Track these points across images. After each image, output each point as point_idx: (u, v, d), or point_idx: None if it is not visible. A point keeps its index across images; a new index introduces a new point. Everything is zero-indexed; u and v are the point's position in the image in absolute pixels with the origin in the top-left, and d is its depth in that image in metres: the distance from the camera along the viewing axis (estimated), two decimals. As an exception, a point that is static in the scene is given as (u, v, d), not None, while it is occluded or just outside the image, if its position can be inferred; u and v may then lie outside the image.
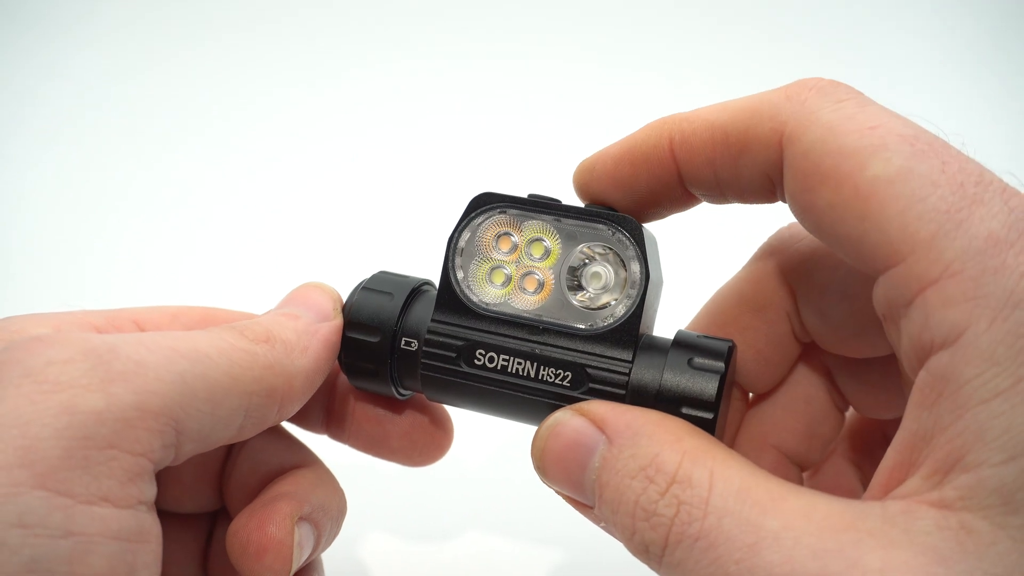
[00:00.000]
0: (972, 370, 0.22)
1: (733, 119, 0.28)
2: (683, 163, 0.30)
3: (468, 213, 0.33)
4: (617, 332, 0.31)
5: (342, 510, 0.36)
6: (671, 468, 0.26)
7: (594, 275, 0.32)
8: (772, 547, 0.23)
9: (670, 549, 0.25)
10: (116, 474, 0.24)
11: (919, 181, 0.24)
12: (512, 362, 0.32)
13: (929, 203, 0.23)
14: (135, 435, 0.25)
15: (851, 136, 0.25)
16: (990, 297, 0.22)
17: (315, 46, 0.89)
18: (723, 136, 0.28)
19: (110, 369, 0.25)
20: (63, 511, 0.23)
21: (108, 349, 0.26)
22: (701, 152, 0.29)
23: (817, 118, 0.26)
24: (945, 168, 0.24)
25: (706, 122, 0.29)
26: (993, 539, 0.22)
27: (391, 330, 0.33)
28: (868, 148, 0.24)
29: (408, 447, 0.37)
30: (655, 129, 0.31)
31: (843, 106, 0.26)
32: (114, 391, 0.25)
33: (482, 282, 0.33)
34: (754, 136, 0.27)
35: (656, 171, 0.31)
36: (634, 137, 0.31)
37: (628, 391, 0.30)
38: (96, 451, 0.24)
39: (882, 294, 0.25)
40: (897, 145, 0.24)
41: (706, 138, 0.29)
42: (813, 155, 0.25)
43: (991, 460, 0.22)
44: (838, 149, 0.25)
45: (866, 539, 0.22)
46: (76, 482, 0.23)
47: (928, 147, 0.24)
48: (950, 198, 0.23)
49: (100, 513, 0.24)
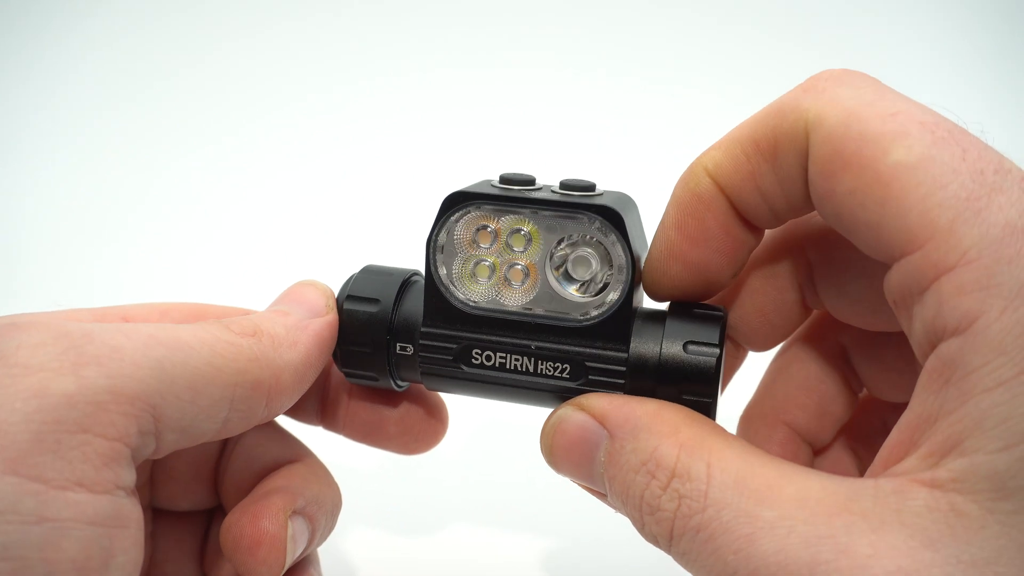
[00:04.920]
0: (980, 358, 0.22)
1: (758, 127, 0.28)
2: (727, 188, 0.29)
3: (442, 213, 0.32)
4: (611, 320, 0.31)
5: (337, 504, 0.36)
6: (670, 462, 0.26)
7: (580, 264, 0.32)
8: (768, 537, 0.24)
9: (675, 541, 0.26)
10: (90, 458, 0.24)
11: (940, 168, 0.24)
12: (510, 359, 0.32)
13: (950, 191, 0.23)
14: (108, 419, 0.24)
15: (872, 122, 0.25)
16: (1003, 287, 0.22)
17: (302, 44, 0.90)
18: (754, 146, 0.28)
19: (83, 353, 0.25)
20: (35, 496, 0.23)
21: (83, 334, 0.25)
22: (738, 170, 0.29)
23: (838, 104, 0.26)
24: (965, 156, 0.24)
25: (732, 140, 0.29)
26: (983, 523, 0.22)
27: (384, 340, 0.33)
28: (890, 134, 0.24)
29: (403, 435, 0.37)
30: (689, 174, 0.30)
31: (862, 92, 0.26)
32: (86, 374, 0.24)
33: (467, 280, 0.33)
34: (782, 134, 0.27)
35: (713, 210, 0.30)
36: (675, 196, 0.30)
37: (627, 379, 0.30)
38: (68, 435, 0.23)
39: (896, 281, 0.25)
40: (919, 132, 0.24)
41: (738, 154, 0.29)
42: (835, 140, 0.25)
43: (987, 447, 0.22)
44: (860, 134, 0.25)
45: (858, 522, 0.23)
46: (48, 467, 0.23)
47: (948, 135, 0.24)
48: (970, 186, 0.23)
49: (74, 498, 0.23)
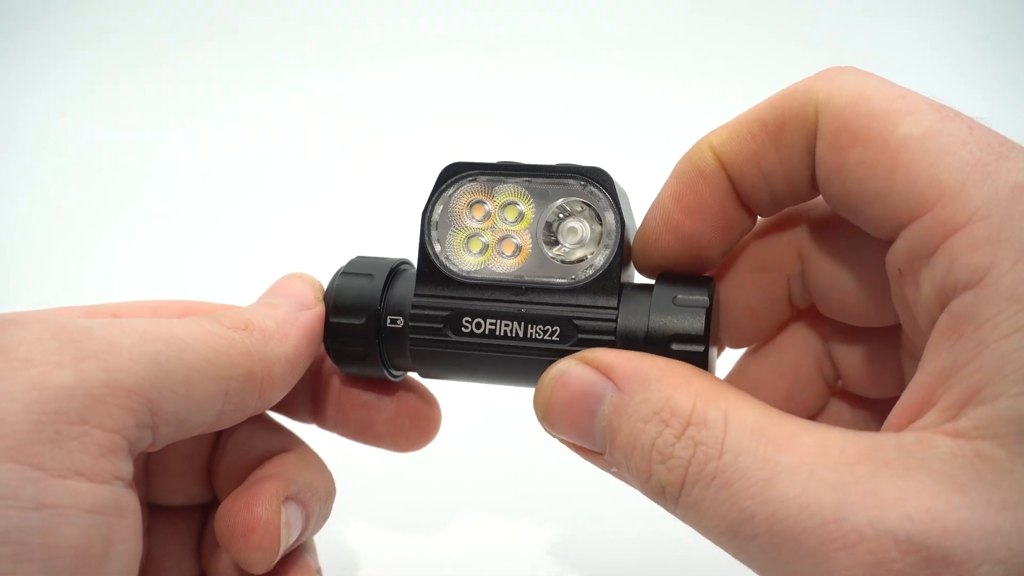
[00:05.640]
0: (994, 307, 0.22)
1: (766, 109, 0.29)
2: (730, 166, 0.30)
3: (439, 185, 0.33)
4: (599, 281, 0.31)
5: (330, 491, 0.36)
6: (685, 410, 0.26)
7: (570, 230, 0.32)
8: (788, 480, 0.23)
9: (687, 489, 0.25)
10: (89, 449, 0.24)
11: (948, 139, 0.24)
12: (499, 325, 0.32)
13: (959, 157, 0.24)
14: (107, 411, 0.25)
15: (882, 101, 0.26)
16: (1013, 240, 0.22)
17: (286, 37, 0.90)
18: (760, 126, 0.29)
19: (81, 347, 0.25)
20: (34, 483, 0.23)
21: (80, 330, 0.26)
22: (743, 149, 0.29)
23: (848, 86, 0.27)
24: (972, 130, 0.25)
25: (740, 121, 0.29)
26: (1010, 466, 0.22)
27: (375, 310, 0.33)
28: (898, 111, 0.25)
29: (395, 432, 0.37)
30: (694, 149, 0.31)
31: (871, 80, 0.27)
32: (84, 368, 0.25)
33: (460, 251, 0.33)
34: (790, 115, 0.28)
35: (713, 185, 0.30)
36: (677, 168, 0.31)
37: (617, 337, 0.31)
38: (67, 426, 0.24)
39: (903, 247, 0.25)
40: (927, 110, 0.25)
41: (744, 134, 0.29)
42: (845, 115, 0.26)
43: (1008, 392, 0.22)
44: (869, 111, 0.26)
45: (882, 469, 0.23)
46: (47, 456, 0.23)
47: (955, 114, 0.25)
48: (978, 153, 0.24)
49: (73, 487, 0.24)
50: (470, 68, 0.89)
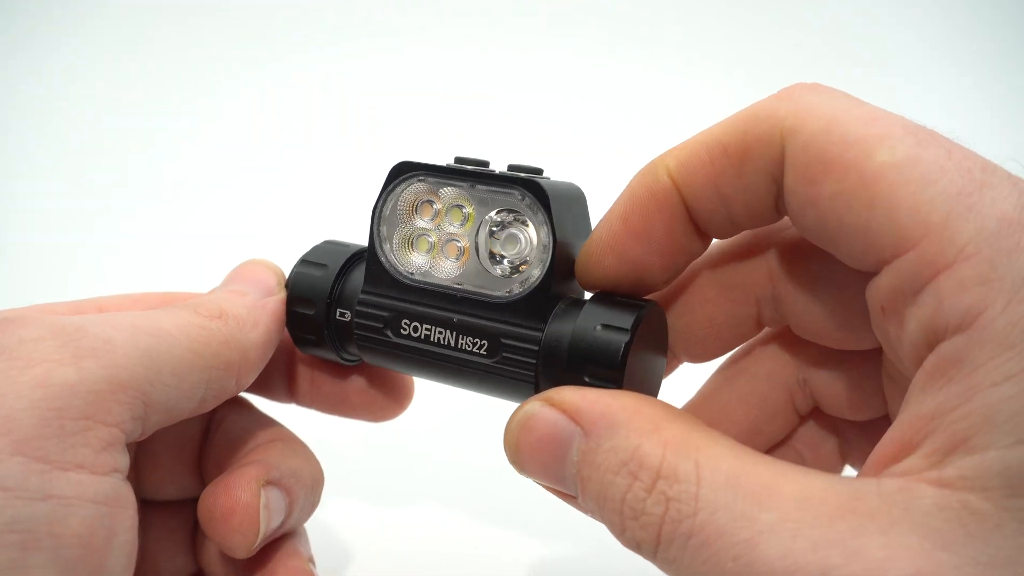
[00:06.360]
0: (986, 353, 0.21)
1: (728, 131, 0.27)
2: (686, 189, 0.28)
3: (389, 182, 0.33)
4: (532, 296, 0.31)
5: (317, 479, 0.37)
6: (654, 462, 0.24)
7: (509, 240, 0.32)
8: (770, 541, 0.22)
9: (663, 547, 0.24)
10: (91, 443, 0.26)
11: (927, 167, 0.23)
12: (434, 331, 0.32)
13: (939, 187, 0.23)
14: (107, 407, 0.26)
15: (854, 125, 0.24)
16: (1005, 280, 0.21)
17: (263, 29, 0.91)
18: (721, 150, 0.27)
19: (80, 345, 0.27)
20: (40, 476, 0.24)
21: (76, 328, 0.27)
22: (701, 172, 0.28)
23: (816, 110, 0.25)
24: (951, 155, 0.23)
25: (699, 143, 0.28)
26: (998, 521, 0.21)
27: (325, 302, 0.35)
28: (873, 136, 0.24)
29: (368, 403, 0.39)
30: (649, 169, 0.29)
31: (839, 101, 0.25)
32: (85, 365, 0.26)
33: (406, 250, 0.34)
34: (753, 139, 0.26)
35: (665, 210, 0.29)
36: (630, 188, 0.29)
37: (538, 361, 0.30)
38: (71, 421, 0.25)
39: (886, 284, 0.24)
40: (902, 135, 0.24)
41: (704, 156, 0.28)
42: (816, 145, 0.25)
43: (999, 443, 0.21)
44: (841, 138, 0.24)
45: (866, 523, 0.22)
46: (52, 449, 0.25)
47: (930, 136, 0.24)
48: (959, 182, 0.23)
49: (77, 479, 0.25)
50: (458, 57, 0.89)
